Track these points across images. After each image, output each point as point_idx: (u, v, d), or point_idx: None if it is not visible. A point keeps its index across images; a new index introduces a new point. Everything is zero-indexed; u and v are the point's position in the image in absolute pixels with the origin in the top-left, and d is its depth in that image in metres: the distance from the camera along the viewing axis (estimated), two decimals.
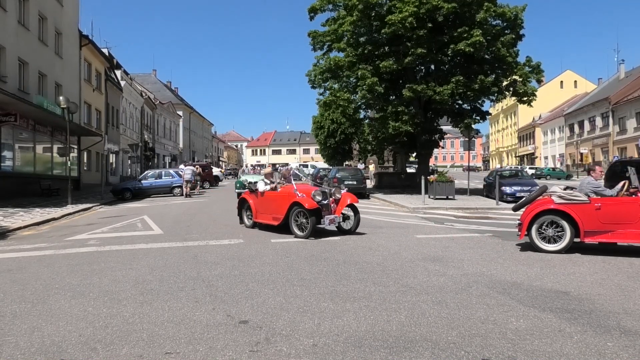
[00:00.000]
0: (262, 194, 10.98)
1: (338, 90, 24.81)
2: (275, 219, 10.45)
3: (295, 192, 10.07)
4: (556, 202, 7.99)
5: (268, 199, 10.86)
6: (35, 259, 8.18)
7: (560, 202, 7.96)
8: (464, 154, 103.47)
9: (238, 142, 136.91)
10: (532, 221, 8.04)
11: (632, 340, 3.97)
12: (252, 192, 11.53)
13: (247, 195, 11.67)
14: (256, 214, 11.21)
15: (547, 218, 7.97)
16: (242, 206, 11.91)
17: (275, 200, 10.61)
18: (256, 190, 11.24)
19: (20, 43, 22.14)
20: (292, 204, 9.87)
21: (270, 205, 10.75)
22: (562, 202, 7.96)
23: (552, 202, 8.04)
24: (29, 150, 23.64)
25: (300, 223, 9.77)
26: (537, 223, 8.01)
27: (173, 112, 64.20)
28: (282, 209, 10.15)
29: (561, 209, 7.89)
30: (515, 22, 22.52)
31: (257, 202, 11.24)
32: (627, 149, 47.25)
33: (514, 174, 24.81)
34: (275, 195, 10.71)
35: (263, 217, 10.99)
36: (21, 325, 4.54)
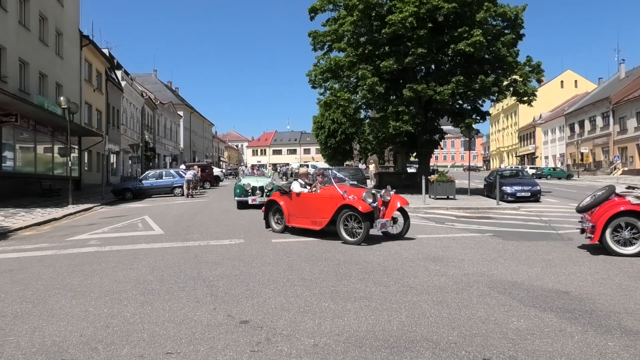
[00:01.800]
0: (298, 196, 10.17)
1: (338, 90, 24.80)
2: (315, 223, 9.69)
3: (343, 194, 9.29)
4: (633, 203, 7.68)
5: (306, 201, 10.02)
6: (37, 259, 8.19)
7: (638, 203, 7.68)
8: (465, 154, 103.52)
9: (239, 142, 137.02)
10: (607, 224, 7.59)
11: (633, 340, 3.97)
12: (283, 194, 10.64)
13: (278, 197, 10.76)
14: (289, 217, 10.34)
15: (622, 220, 7.58)
16: (270, 209, 10.93)
17: (315, 202, 9.81)
18: (289, 191, 10.42)
19: (20, 43, 22.16)
20: (342, 206, 9.06)
21: (308, 208, 9.92)
22: None
23: (626, 204, 7.68)
24: (30, 151, 23.66)
25: (351, 228, 8.95)
26: (611, 226, 7.60)
27: (174, 112, 64.23)
28: (325, 212, 9.42)
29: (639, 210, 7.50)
30: (515, 21, 22.51)
31: (290, 204, 10.35)
32: (627, 149, 47.23)
33: (514, 173, 24.79)
34: (315, 197, 9.90)
35: (299, 221, 10.15)
36: (22, 325, 4.55)
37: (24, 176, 22.57)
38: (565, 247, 8.59)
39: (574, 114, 59.70)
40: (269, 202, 11.06)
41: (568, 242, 9.08)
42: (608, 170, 49.85)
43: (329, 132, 53.68)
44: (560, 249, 8.31)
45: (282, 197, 10.65)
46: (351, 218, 9.01)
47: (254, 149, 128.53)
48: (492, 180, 20.34)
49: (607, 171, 50.04)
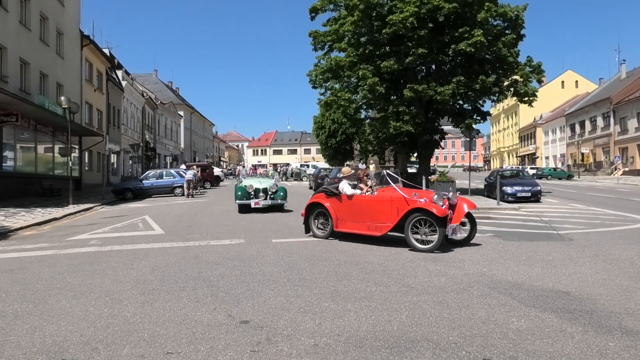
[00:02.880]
0: (350, 198, 9.28)
1: (339, 90, 24.81)
2: (373, 228, 8.88)
3: (414, 196, 8.49)
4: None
5: (360, 204, 9.13)
6: (37, 259, 8.19)
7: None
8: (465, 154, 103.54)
9: (239, 142, 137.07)
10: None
11: (634, 341, 3.96)
12: (330, 196, 9.68)
13: (323, 199, 9.78)
14: (337, 222, 9.43)
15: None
16: (311, 212, 9.96)
17: (372, 205, 8.94)
18: (338, 193, 9.51)
19: (21, 43, 22.17)
20: (412, 210, 8.27)
21: (363, 212, 9.06)
22: None
23: None
24: (31, 151, 23.67)
25: (423, 234, 8.17)
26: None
27: (174, 112, 64.25)
28: (386, 216, 8.66)
29: None
30: (516, 22, 22.50)
31: (339, 207, 9.44)
32: (628, 149, 47.22)
33: (515, 174, 24.79)
34: (372, 199, 8.99)
35: (350, 226, 9.28)
36: (23, 325, 4.55)
37: (25, 176, 22.58)
38: (565, 247, 8.59)
39: (574, 114, 59.69)
40: (310, 205, 10.02)
41: (569, 243, 9.08)
42: (609, 170, 49.83)
43: (329, 132, 53.67)
44: (561, 250, 8.31)
45: (329, 200, 9.65)
46: (422, 223, 8.20)
47: (255, 149, 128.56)
48: (493, 181, 20.35)
49: (607, 171, 50.02)
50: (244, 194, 15.56)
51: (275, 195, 15.73)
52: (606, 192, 25.23)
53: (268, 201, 15.40)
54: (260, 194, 15.52)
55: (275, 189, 15.87)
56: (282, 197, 15.81)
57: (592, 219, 13.07)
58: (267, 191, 15.68)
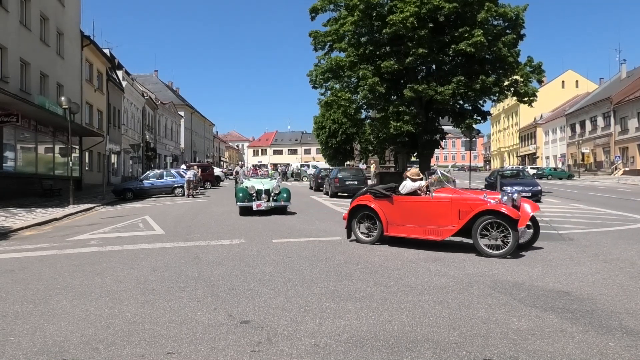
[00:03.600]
0: (403, 200, 8.73)
1: (339, 91, 24.85)
2: (432, 232, 8.27)
3: (484, 197, 8.03)
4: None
5: (416, 206, 8.54)
6: (37, 259, 8.19)
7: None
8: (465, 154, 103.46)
9: (239, 142, 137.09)
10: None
11: (634, 341, 3.96)
12: (379, 197, 8.94)
13: (370, 201, 9.02)
14: (388, 225, 8.76)
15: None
16: (355, 215, 9.23)
17: (431, 208, 8.35)
18: (389, 194, 8.86)
19: (22, 43, 22.18)
20: (481, 213, 7.71)
21: (420, 215, 8.45)
22: None
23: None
24: (31, 151, 23.67)
25: (494, 238, 7.62)
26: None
27: (174, 112, 64.26)
28: (447, 219, 8.10)
29: None
30: (516, 22, 22.53)
31: (391, 210, 8.77)
32: (628, 149, 47.21)
33: (515, 174, 24.80)
34: (429, 202, 8.41)
35: (404, 230, 8.64)
36: (23, 325, 4.55)
37: (25, 176, 22.59)
38: (566, 247, 8.58)
39: (575, 114, 59.67)
40: (354, 208, 9.23)
41: (569, 243, 9.07)
42: (609, 170, 49.81)
43: (329, 132, 53.71)
44: (561, 249, 8.30)
45: (378, 202, 8.93)
46: (493, 226, 7.67)
47: (255, 149, 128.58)
48: (493, 181, 20.35)
49: (608, 171, 50.00)
50: (245, 195, 14.72)
51: (279, 197, 14.93)
52: (607, 192, 25.22)
53: (271, 203, 14.66)
54: (262, 196, 14.74)
55: (278, 190, 15.06)
56: (286, 198, 14.97)
57: (592, 219, 13.06)
58: (270, 192, 14.93)
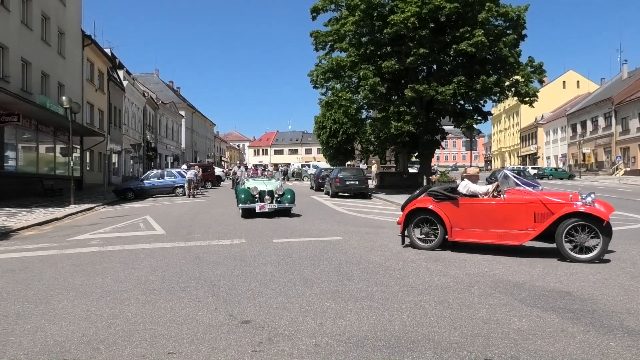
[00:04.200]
0: (471, 202, 8.15)
1: (340, 91, 24.83)
2: (506, 236, 7.73)
3: (570, 199, 7.59)
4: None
5: (486, 209, 7.98)
6: (38, 259, 8.20)
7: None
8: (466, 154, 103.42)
9: (240, 142, 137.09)
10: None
11: (635, 340, 3.96)
12: (442, 200, 8.32)
13: (432, 204, 8.39)
14: (452, 230, 8.15)
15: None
16: (411, 220, 8.57)
17: (503, 211, 7.79)
18: (455, 197, 8.28)
19: (23, 43, 22.20)
20: (567, 215, 7.25)
21: (491, 219, 7.89)
22: None
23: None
24: (32, 150, 23.70)
25: (582, 241, 7.14)
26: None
27: (175, 112, 64.28)
28: (522, 223, 7.59)
29: None
30: (517, 22, 22.51)
31: (456, 214, 8.16)
32: (629, 149, 47.16)
33: (516, 174, 24.72)
34: (501, 204, 7.84)
35: (473, 235, 8.08)
36: (24, 325, 4.55)
37: (26, 176, 22.61)
38: None
39: (576, 115, 59.63)
40: (411, 212, 8.59)
41: None
42: (610, 170, 49.76)
43: (330, 132, 53.68)
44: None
45: (441, 204, 8.31)
46: (579, 229, 7.21)
47: (256, 149, 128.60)
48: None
49: (609, 171, 49.95)
50: (247, 197, 14.12)
51: (282, 199, 14.37)
52: (608, 192, 25.18)
53: (274, 205, 14.07)
54: (265, 197, 14.15)
55: (282, 191, 14.53)
56: (290, 200, 14.41)
57: None
58: (273, 194, 14.38)
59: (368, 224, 12.55)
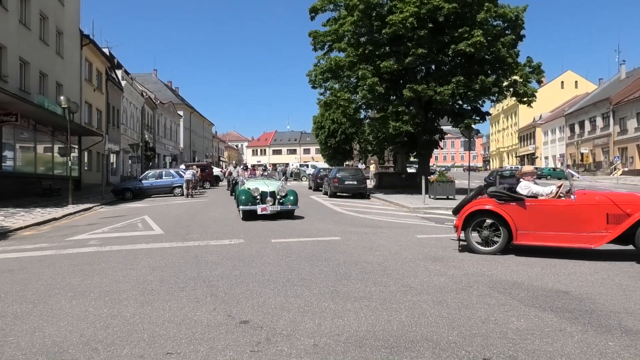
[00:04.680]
0: (539, 204, 7.81)
1: (338, 90, 24.81)
2: (581, 239, 7.41)
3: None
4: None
5: (555, 211, 7.62)
6: (36, 259, 8.19)
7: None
8: (465, 154, 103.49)
9: (238, 142, 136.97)
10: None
11: (634, 340, 3.97)
12: (505, 202, 7.88)
13: (494, 206, 7.91)
14: (517, 233, 7.73)
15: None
16: (470, 223, 8.05)
17: (574, 212, 7.47)
18: (522, 198, 7.89)
19: (21, 43, 22.16)
20: None
21: (561, 220, 7.54)
22: None
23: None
24: (30, 150, 23.66)
25: None
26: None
27: (174, 112, 64.22)
28: (595, 225, 7.33)
29: None
30: (516, 22, 22.52)
31: (522, 216, 7.75)
32: (627, 149, 47.24)
33: (514, 174, 24.78)
34: (572, 205, 7.51)
35: (542, 238, 7.68)
36: (22, 326, 4.54)
37: (24, 176, 22.57)
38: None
39: (574, 115, 59.72)
40: (470, 214, 8.07)
41: None
42: (608, 170, 49.84)
43: (329, 132, 53.69)
44: (560, 249, 8.28)
45: (505, 206, 7.85)
46: None
47: (254, 148, 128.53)
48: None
49: (607, 171, 50.03)
50: (248, 198, 13.47)
51: (285, 200, 13.77)
52: None
53: (277, 207, 13.45)
54: (267, 199, 13.49)
55: (284, 192, 13.95)
56: (293, 201, 13.83)
57: None
58: (275, 195, 13.76)
59: (366, 224, 12.55)
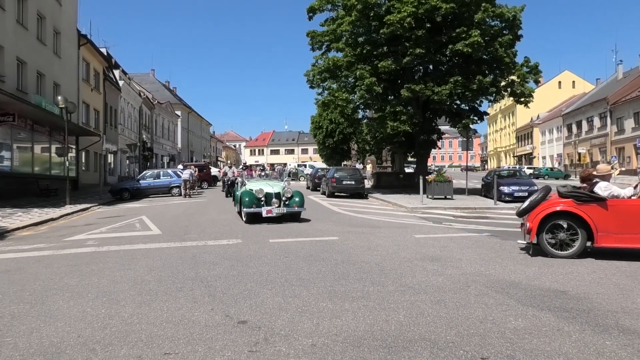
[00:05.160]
0: (623, 204, 7.43)
1: (336, 90, 24.82)
2: None
3: None
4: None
5: None
6: (34, 259, 8.17)
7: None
8: (462, 154, 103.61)
9: (236, 142, 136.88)
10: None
11: (631, 339, 3.98)
12: (584, 202, 7.49)
13: (572, 207, 7.52)
14: (598, 235, 7.39)
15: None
16: (546, 223, 7.61)
17: None
18: (602, 199, 7.45)
19: (18, 42, 22.11)
20: None
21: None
22: None
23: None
24: (27, 150, 23.60)
25: None
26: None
27: (171, 112, 64.14)
28: None
29: None
30: (513, 22, 22.54)
31: (603, 217, 7.39)
32: (624, 149, 47.35)
33: (512, 173, 24.84)
34: None
35: (625, 240, 7.38)
36: (20, 326, 4.53)
37: (22, 176, 22.52)
38: None
39: (571, 115, 59.83)
40: (545, 216, 7.60)
41: None
42: None
43: (326, 132, 53.73)
44: None
45: (585, 207, 7.46)
46: None
47: (252, 148, 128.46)
48: (490, 181, 20.36)
49: None
50: (252, 200, 12.54)
51: (291, 202, 12.89)
52: None
53: (282, 209, 12.55)
54: (273, 200, 12.64)
55: (290, 194, 13.04)
56: (299, 203, 12.90)
57: None
58: (281, 196, 12.91)
59: (364, 223, 12.56)
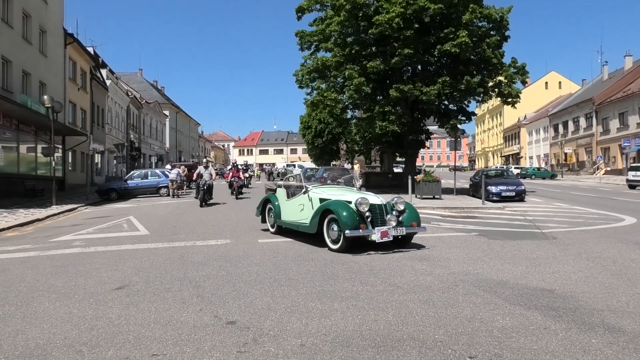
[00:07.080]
0: None
1: (325, 90, 24.84)
2: None
3: None
4: None
5: None
6: (19, 260, 8.06)
7: None
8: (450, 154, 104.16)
9: (225, 142, 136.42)
10: None
11: (616, 337, 4.03)
12: None
13: None
14: None
15: None
16: None
17: None
18: None
19: (3, 41, 21.80)
20: None
21: None
22: None
23: None
24: (13, 150, 23.28)
25: None
26: None
27: (159, 111, 63.71)
28: None
29: None
30: (500, 23, 22.72)
31: None
32: (610, 149, 47.96)
33: (499, 173, 25.05)
34: None
35: None
36: (5, 328, 4.47)
37: (7, 176, 22.19)
38: (549, 245, 8.70)
39: (558, 115, 60.47)
40: None
41: (552, 241, 9.19)
42: (591, 170, 50.58)
43: (315, 132, 53.69)
44: (545, 248, 8.41)
45: None
46: None
47: (241, 148, 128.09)
48: (478, 180, 20.51)
49: (590, 171, 50.78)
50: (354, 217, 8.04)
51: (405, 218, 8.65)
52: (589, 192, 25.60)
53: (402, 229, 8.29)
54: (387, 217, 8.33)
55: (402, 207, 8.72)
56: (416, 217, 8.78)
57: (575, 218, 13.25)
58: (392, 210, 8.60)
59: None
